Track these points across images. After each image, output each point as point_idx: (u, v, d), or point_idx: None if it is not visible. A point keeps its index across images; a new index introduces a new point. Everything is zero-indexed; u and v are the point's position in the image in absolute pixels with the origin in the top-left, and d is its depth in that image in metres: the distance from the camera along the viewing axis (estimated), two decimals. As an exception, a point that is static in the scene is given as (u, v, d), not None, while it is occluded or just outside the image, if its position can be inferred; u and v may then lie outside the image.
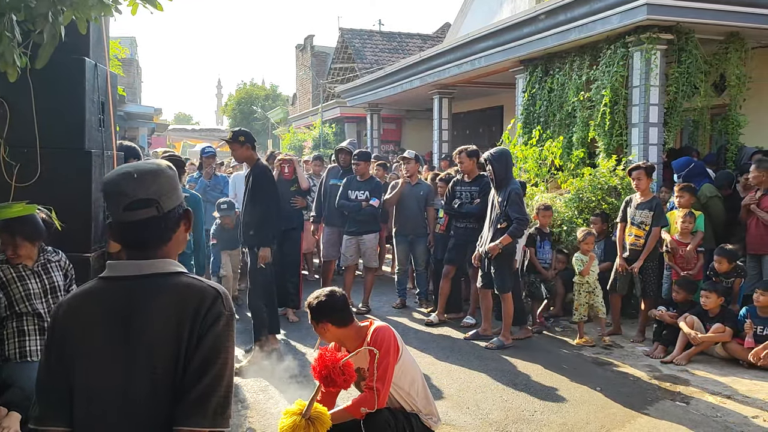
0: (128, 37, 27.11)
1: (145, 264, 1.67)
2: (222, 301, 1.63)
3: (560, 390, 5.06)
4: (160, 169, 1.71)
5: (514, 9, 13.18)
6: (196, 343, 1.58)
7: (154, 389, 1.58)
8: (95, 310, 1.64)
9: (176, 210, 1.72)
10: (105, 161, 4.42)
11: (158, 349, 1.58)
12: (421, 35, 24.43)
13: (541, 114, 9.38)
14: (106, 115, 4.45)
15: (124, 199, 1.64)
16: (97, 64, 4.30)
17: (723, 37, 7.91)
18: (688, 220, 6.40)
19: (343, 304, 3.42)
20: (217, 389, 1.57)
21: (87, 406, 1.61)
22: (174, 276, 1.67)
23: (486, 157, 6.22)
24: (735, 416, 4.52)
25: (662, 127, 7.81)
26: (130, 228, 1.67)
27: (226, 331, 1.62)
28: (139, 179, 1.65)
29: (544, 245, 7.01)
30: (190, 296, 1.62)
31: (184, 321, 1.58)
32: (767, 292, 5.59)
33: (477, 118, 15.45)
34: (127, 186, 1.65)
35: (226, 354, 1.61)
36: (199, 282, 1.67)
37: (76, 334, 1.64)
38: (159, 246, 1.70)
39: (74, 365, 1.62)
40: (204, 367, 1.57)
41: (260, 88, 41.83)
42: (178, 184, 1.76)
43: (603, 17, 7.67)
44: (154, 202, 1.65)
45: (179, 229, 1.75)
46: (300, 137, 22.31)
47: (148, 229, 1.67)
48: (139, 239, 1.68)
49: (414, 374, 3.52)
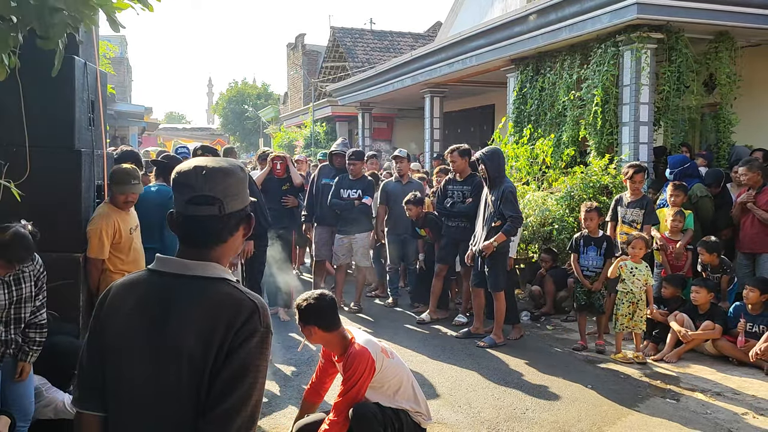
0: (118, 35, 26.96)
1: (191, 264, 1.64)
2: (259, 317, 1.58)
3: (552, 388, 5.07)
4: (232, 170, 1.69)
5: (506, 8, 13.21)
6: (225, 357, 1.54)
7: (178, 391, 1.56)
8: (134, 302, 1.63)
9: (239, 213, 1.69)
10: (95, 160, 4.40)
11: (186, 354, 1.55)
12: (412, 34, 24.45)
13: (532, 113, 9.40)
14: (95, 113, 4.43)
15: (190, 192, 1.63)
16: (86, 63, 4.27)
17: (712, 36, 7.96)
18: (677, 218, 6.45)
19: (330, 310, 3.41)
20: (243, 409, 1.53)
21: (117, 397, 1.62)
22: (216, 282, 1.63)
23: (478, 157, 6.22)
24: (725, 413, 4.55)
25: (652, 125, 7.85)
26: (188, 222, 1.65)
27: (260, 348, 1.57)
28: (208, 175, 1.64)
29: (588, 251, 6.27)
30: (226, 306, 1.58)
31: (217, 330, 1.54)
32: (756, 289, 5.63)
33: (468, 117, 15.47)
34: (195, 179, 1.63)
35: (256, 372, 1.56)
36: (240, 293, 1.62)
37: (114, 322, 1.64)
38: (213, 246, 1.67)
39: (109, 353, 1.63)
40: (232, 384, 1.53)
41: (251, 87, 41.70)
42: (246, 187, 1.74)
43: (593, 16, 7.70)
44: (218, 201, 1.63)
45: (237, 232, 1.71)
46: (291, 136, 22.27)
47: (206, 227, 1.64)
48: (194, 235, 1.66)
49: (401, 379, 3.53)
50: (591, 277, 6.18)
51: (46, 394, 3.52)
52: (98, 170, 4.46)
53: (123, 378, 1.61)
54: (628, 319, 5.79)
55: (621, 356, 5.75)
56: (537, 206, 7.74)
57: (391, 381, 3.48)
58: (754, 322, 5.61)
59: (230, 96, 40.18)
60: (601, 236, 6.31)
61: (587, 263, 6.23)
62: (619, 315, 5.82)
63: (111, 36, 23.68)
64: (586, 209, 6.32)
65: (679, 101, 7.86)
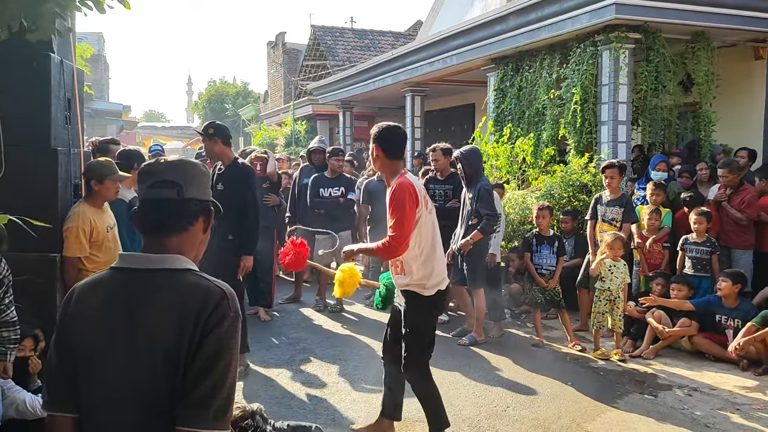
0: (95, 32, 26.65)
1: (154, 258, 1.67)
2: (228, 302, 1.62)
3: (532, 385, 5.11)
4: (195, 163, 1.82)
5: (486, 7, 13.26)
6: (198, 345, 1.57)
7: (152, 386, 1.57)
8: (100, 301, 1.64)
9: (199, 202, 1.75)
10: (72, 159, 4.34)
11: (159, 346, 1.57)
12: (393, 33, 24.45)
13: (511, 112, 9.46)
14: (72, 112, 4.37)
15: (151, 178, 1.72)
16: (63, 60, 4.21)
17: (689, 36, 8.07)
18: (654, 217, 6.54)
19: (398, 142, 3.79)
20: (219, 392, 1.56)
21: (89, 396, 1.62)
22: (181, 273, 1.66)
23: (456, 155, 6.27)
24: (701, 408, 4.62)
25: (630, 125, 7.94)
26: (148, 207, 1.71)
27: (231, 333, 1.60)
28: (170, 163, 1.76)
29: (541, 249, 6.38)
30: (194, 296, 1.61)
31: (187, 319, 1.57)
32: (728, 279, 5.71)
33: (449, 116, 15.52)
34: (157, 167, 1.74)
35: (229, 356, 1.59)
36: (206, 281, 1.65)
37: (81, 324, 1.64)
38: (172, 234, 1.70)
39: (79, 355, 1.63)
40: (206, 370, 1.56)
41: (231, 86, 41.45)
42: (207, 182, 1.82)
43: (572, 16, 7.76)
44: (177, 185, 1.70)
45: (197, 223, 1.75)
46: (272, 135, 22.17)
47: (164, 209, 1.70)
48: (153, 220, 1.70)
49: (425, 238, 3.67)
50: (546, 275, 6.27)
51: (8, 393, 3.49)
52: (75, 169, 4.40)
53: (94, 378, 1.61)
54: (605, 317, 5.84)
55: (600, 353, 5.79)
56: (517, 205, 7.78)
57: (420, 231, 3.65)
58: (730, 316, 5.70)
59: (210, 95, 39.90)
60: (552, 235, 6.45)
61: (541, 261, 6.36)
62: (596, 312, 5.89)
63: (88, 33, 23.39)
64: (538, 208, 6.45)
65: (657, 100, 7.96)
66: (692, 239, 6.30)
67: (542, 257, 6.34)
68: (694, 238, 6.27)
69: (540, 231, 6.41)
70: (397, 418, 4.12)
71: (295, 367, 5.51)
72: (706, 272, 6.22)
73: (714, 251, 6.23)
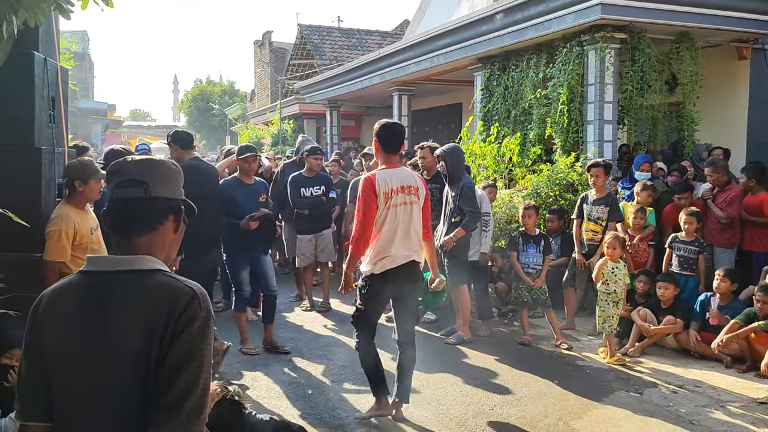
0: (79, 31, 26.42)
1: (123, 259, 1.64)
2: (198, 302, 1.59)
3: (519, 384, 5.13)
4: (164, 161, 1.80)
5: (472, 7, 13.29)
6: (168, 346, 1.54)
7: (125, 389, 1.55)
8: (69, 306, 1.61)
9: (167, 200, 1.72)
10: (56, 158, 4.31)
11: (129, 350, 1.54)
12: (380, 32, 24.45)
13: (498, 111, 9.49)
14: (56, 110, 4.33)
15: (118, 178, 1.70)
16: (46, 59, 4.18)
17: (673, 36, 8.13)
18: (639, 215, 6.58)
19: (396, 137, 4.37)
20: (190, 393, 1.53)
21: (62, 403, 1.60)
22: (151, 274, 1.63)
23: (438, 154, 6.32)
24: (686, 405, 4.66)
25: (617, 124, 7.99)
26: (116, 206, 1.69)
27: (202, 334, 1.57)
28: (137, 162, 1.73)
29: (528, 248, 6.41)
30: (164, 296, 1.58)
31: (157, 321, 1.54)
32: (727, 279, 5.77)
33: (436, 115, 15.53)
34: (124, 166, 1.72)
35: (201, 357, 1.56)
36: (177, 281, 1.62)
37: (50, 330, 1.61)
38: (141, 234, 1.67)
39: (49, 361, 1.60)
40: (177, 371, 1.53)
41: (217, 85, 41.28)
42: (177, 180, 1.79)
43: (558, 16, 7.79)
44: (144, 184, 1.67)
45: (166, 222, 1.71)
46: (258, 134, 22.09)
47: (132, 209, 1.68)
48: (121, 220, 1.68)
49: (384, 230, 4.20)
50: (532, 274, 6.29)
51: None
52: (59, 168, 4.36)
53: (66, 385, 1.59)
54: (616, 321, 5.72)
55: (617, 359, 5.62)
56: (504, 204, 7.81)
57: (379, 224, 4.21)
58: (721, 312, 5.75)
59: (195, 94, 39.70)
60: (538, 234, 6.47)
61: (528, 260, 6.37)
62: (606, 317, 5.70)
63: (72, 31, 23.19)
64: (524, 207, 6.49)
65: (642, 100, 8.01)
66: (681, 237, 6.35)
67: (528, 256, 6.36)
68: (683, 237, 6.32)
69: (526, 230, 6.44)
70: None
71: (282, 368, 5.50)
72: (692, 271, 6.28)
73: (701, 251, 6.30)
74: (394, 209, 4.21)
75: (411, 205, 4.27)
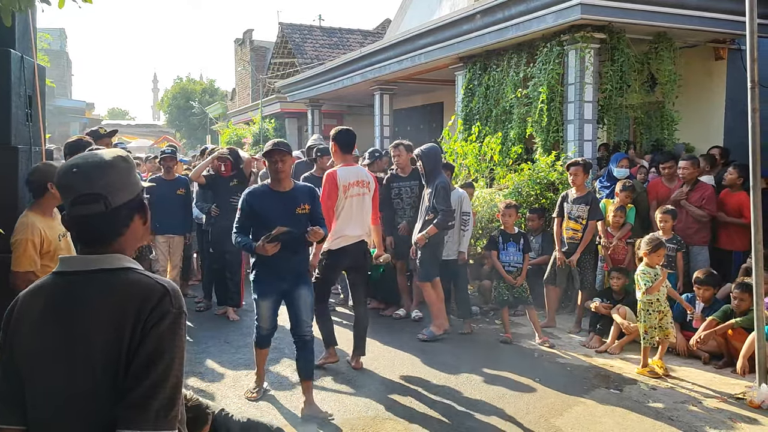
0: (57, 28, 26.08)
1: (92, 259, 1.61)
2: (170, 299, 1.57)
3: (501, 381, 5.16)
4: (109, 162, 1.65)
5: (453, 6, 13.33)
6: (138, 342, 1.52)
7: (95, 389, 1.53)
8: (40, 307, 1.60)
9: (128, 204, 1.66)
10: (33, 157, 4.24)
11: (99, 348, 1.52)
12: (361, 31, 24.42)
13: (479, 110, 9.52)
14: (33, 109, 4.27)
15: (71, 193, 1.60)
16: (23, 56, 4.12)
17: (652, 37, 8.22)
18: (618, 214, 6.64)
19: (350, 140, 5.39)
20: (160, 391, 1.50)
21: (34, 405, 1.58)
22: (122, 272, 1.61)
23: (416, 153, 6.40)
24: (665, 401, 4.72)
25: (596, 123, 8.06)
26: (77, 222, 1.63)
27: (173, 330, 1.55)
28: (83, 173, 1.61)
29: (508, 247, 6.42)
30: (134, 294, 1.56)
31: (126, 319, 1.52)
32: (710, 287, 5.83)
33: (418, 115, 15.56)
34: (74, 179, 1.60)
35: (171, 354, 1.54)
36: (147, 278, 1.60)
37: (24, 331, 1.60)
38: (109, 241, 1.64)
39: (21, 363, 1.59)
40: (146, 368, 1.51)
41: (197, 83, 40.95)
42: (132, 176, 1.69)
43: (539, 16, 7.84)
44: (102, 198, 1.59)
45: (133, 223, 1.69)
46: (239, 133, 21.98)
47: (96, 225, 1.62)
48: (86, 235, 1.64)
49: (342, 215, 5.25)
50: (513, 272, 6.33)
51: None
52: (37, 168, 4.29)
53: (38, 386, 1.57)
54: (658, 333, 5.37)
55: (648, 370, 5.33)
56: (485, 203, 7.85)
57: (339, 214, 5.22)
58: (704, 314, 5.82)
59: (175, 92, 39.36)
60: (518, 233, 6.52)
61: (508, 259, 6.41)
62: (647, 328, 5.37)
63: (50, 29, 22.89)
64: (504, 206, 6.54)
65: (622, 100, 8.09)
66: (659, 236, 6.41)
67: (509, 255, 6.41)
68: (662, 236, 6.39)
69: (505, 229, 6.48)
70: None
71: (266, 366, 5.46)
72: (671, 269, 6.35)
73: (680, 249, 6.37)
74: (350, 199, 5.25)
75: (363, 196, 5.34)
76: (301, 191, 4.56)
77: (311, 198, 4.56)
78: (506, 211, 6.46)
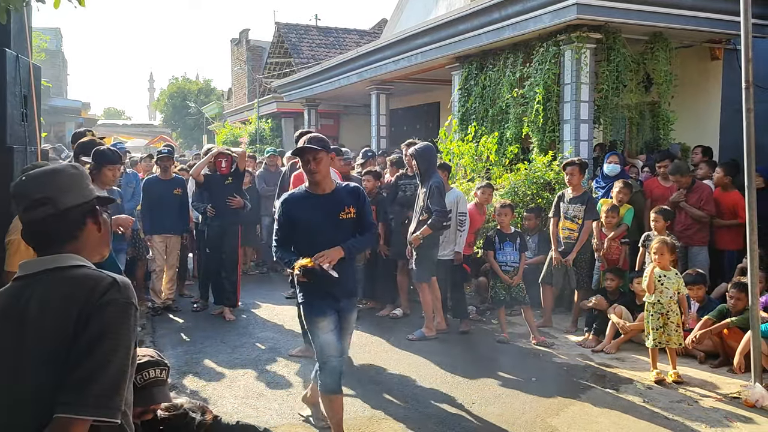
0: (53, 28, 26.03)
1: (47, 260, 1.68)
2: (118, 288, 1.60)
3: (497, 381, 5.16)
4: (58, 169, 1.76)
5: (450, 6, 13.33)
6: (83, 327, 1.54)
7: (47, 386, 1.54)
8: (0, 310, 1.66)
9: (80, 207, 1.73)
10: (28, 157, 4.24)
11: (48, 344, 1.56)
12: (358, 31, 24.39)
13: (476, 110, 9.53)
14: (29, 108, 4.26)
15: (23, 201, 1.70)
16: (18, 56, 4.10)
17: (648, 37, 8.23)
18: (610, 214, 6.64)
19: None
20: (99, 376, 1.51)
21: None
22: (74, 268, 1.66)
23: (411, 153, 6.39)
24: (661, 401, 4.72)
25: (592, 123, 8.07)
26: (31, 227, 1.71)
27: (120, 318, 1.57)
28: (32, 180, 1.72)
29: (504, 247, 6.39)
30: (82, 285, 1.60)
31: (73, 309, 1.56)
32: (702, 286, 5.85)
33: (414, 114, 15.55)
34: (24, 188, 1.72)
35: (115, 340, 1.55)
36: (98, 272, 1.65)
37: None
38: (64, 244, 1.70)
39: None
40: (87, 351, 1.52)
41: (194, 83, 40.89)
42: (82, 183, 1.77)
43: (535, 16, 7.85)
44: (50, 200, 1.68)
45: (86, 226, 1.75)
46: (236, 133, 21.95)
47: (47, 226, 1.69)
48: (40, 238, 1.71)
49: None
50: (510, 271, 6.33)
51: None
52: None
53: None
54: (660, 333, 5.26)
55: (656, 376, 5.19)
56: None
57: None
58: (699, 315, 5.83)
59: (171, 92, 39.28)
60: (514, 232, 6.52)
61: (505, 258, 6.39)
62: (651, 329, 5.30)
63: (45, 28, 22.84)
64: (500, 206, 6.54)
65: (618, 99, 8.11)
66: (654, 236, 6.42)
67: (506, 254, 6.40)
68: (656, 235, 6.40)
69: (501, 228, 6.49)
70: None
71: (260, 367, 5.47)
72: None
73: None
74: None
75: None
76: (345, 192, 3.89)
77: (356, 199, 3.87)
78: (502, 210, 6.48)
